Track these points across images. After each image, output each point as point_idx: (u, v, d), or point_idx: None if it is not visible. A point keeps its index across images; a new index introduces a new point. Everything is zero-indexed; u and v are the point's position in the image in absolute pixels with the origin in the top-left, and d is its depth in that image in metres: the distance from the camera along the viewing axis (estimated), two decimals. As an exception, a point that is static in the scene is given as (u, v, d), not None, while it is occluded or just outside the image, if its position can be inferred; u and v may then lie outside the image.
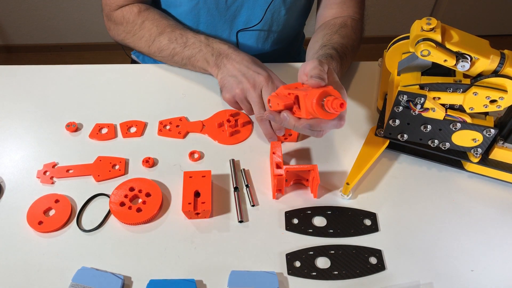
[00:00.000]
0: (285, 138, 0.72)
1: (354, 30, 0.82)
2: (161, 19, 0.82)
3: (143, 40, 0.83)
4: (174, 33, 0.80)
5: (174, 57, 0.80)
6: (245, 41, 0.92)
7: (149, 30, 0.82)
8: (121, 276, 0.56)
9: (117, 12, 0.85)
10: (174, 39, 0.79)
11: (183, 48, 0.79)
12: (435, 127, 0.63)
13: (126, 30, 0.85)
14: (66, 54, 2.21)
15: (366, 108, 0.79)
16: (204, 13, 0.86)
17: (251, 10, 0.86)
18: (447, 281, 0.57)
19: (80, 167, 0.69)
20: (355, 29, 0.82)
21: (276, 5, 0.86)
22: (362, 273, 0.57)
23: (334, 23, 0.82)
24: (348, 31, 0.80)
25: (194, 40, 0.78)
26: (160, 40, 0.81)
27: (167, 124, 0.75)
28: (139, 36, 0.83)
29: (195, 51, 0.78)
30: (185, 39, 0.79)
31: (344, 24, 0.81)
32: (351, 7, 0.85)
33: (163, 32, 0.80)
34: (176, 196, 0.65)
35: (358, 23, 0.84)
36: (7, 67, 0.86)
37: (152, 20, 0.82)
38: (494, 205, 0.65)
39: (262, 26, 0.90)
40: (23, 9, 2.04)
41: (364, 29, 0.87)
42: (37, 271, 0.57)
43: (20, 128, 0.75)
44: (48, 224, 0.61)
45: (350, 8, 0.85)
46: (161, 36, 0.80)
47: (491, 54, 0.57)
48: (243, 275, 0.56)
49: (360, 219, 0.63)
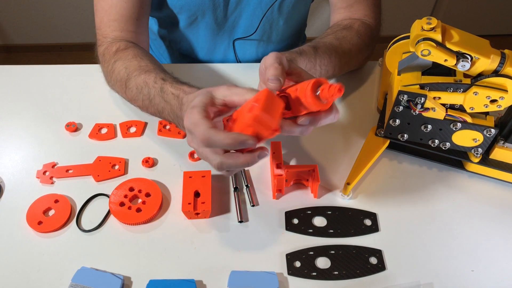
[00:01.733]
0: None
1: (359, 34, 0.76)
2: (132, 59, 0.70)
3: (117, 86, 0.72)
4: (139, 79, 0.67)
5: (149, 111, 0.68)
6: (244, 50, 0.92)
7: (119, 73, 0.70)
8: (121, 276, 0.56)
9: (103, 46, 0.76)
10: (140, 89, 0.67)
11: (150, 102, 0.66)
12: (436, 127, 0.63)
13: (104, 70, 0.76)
14: (66, 54, 2.21)
15: (366, 108, 0.78)
16: (203, 27, 0.86)
17: (249, 20, 0.85)
18: (447, 281, 0.57)
19: (80, 167, 0.68)
20: (361, 34, 0.76)
21: (274, 15, 0.86)
22: (362, 273, 0.57)
23: (339, 25, 0.78)
24: (349, 34, 0.75)
25: (155, 94, 0.64)
26: (130, 88, 0.69)
27: (167, 124, 0.75)
28: (113, 80, 0.73)
29: (160, 108, 0.64)
30: (147, 90, 0.66)
31: (348, 27, 0.76)
32: (360, 10, 0.80)
33: (129, 77, 0.69)
34: (176, 196, 0.65)
35: (368, 28, 0.78)
36: (6, 67, 0.86)
37: (123, 59, 0.71)
38: (494, 205, 0.65)
39: (261, 36, 0.89)
40: (23, 9, 2.03)
41: (378, 34, 0.82)
42: (37, 271, 0.57)
43: (20, 128, 0.75)
44: (48, 224, 0.61)
45: (360, 11, 0.80)
46: (129, 82, 0.69)
47: (492, 54, 0.57)
48: (243, 275, 0.56)
49: (360, 219, 0.63)
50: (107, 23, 0.75)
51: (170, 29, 0.90)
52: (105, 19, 0.75)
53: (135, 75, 0.68)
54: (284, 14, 0.86)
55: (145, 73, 0.67)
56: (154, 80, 0.65)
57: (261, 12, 0.84)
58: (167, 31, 0.91)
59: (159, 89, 0.63)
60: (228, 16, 0.84)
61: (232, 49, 0.91)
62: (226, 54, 0.93)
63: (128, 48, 0.72)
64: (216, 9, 0.82)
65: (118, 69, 0.70)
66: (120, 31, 0.74)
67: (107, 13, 0.74)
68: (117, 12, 0.74)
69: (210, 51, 0.92)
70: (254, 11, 0.83)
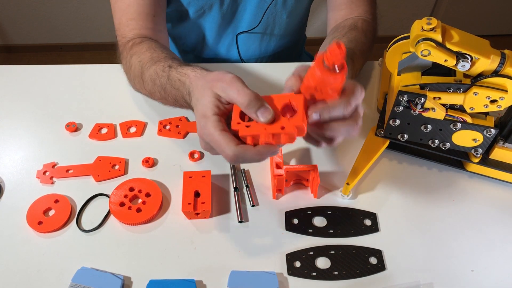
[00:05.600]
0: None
1: (365, 32, 0.77)
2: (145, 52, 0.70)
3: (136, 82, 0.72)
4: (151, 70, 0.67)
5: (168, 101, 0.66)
6: (247, 44, 0.93)
7: (135, 68, 0.70)
8: (121, 276, 0.56)
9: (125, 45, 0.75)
10: (153, 81, 0.66)
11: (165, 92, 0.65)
12: (436, 127, 0.63)
13: (124, 69, 0.75)
14: (66, 54, 2.21)
15: (366, 108, 0.78)
16: (209, 21, 0.86)
17: (253, 13, 0.86)
18: (447, 281, 0.57)
19: (80, 167, 0.69)
20: (366, 32, 0.77)
21: (277, 8, 0.86)
22: (362, 273, 0.57)
23: (344, 25, 0.78)
24: (358, 34, 0.75)
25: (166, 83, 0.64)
26: (146, 81, 0.68)
27: (167, 124, 0.75)
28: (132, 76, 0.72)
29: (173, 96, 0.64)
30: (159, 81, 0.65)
31: (354, 26, 0.77)
32: (361, 6, 0.81)
33: (143, 71, 0.68)
34: (176, 196, 0.65)
35: (370, 25, 0.80)
36: (7, 67, 0.86)
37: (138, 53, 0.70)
38: (494, 205, 0.65)
39: (264, 29, 0.90)
40: (23, 9, 2.03)
41: (377, 30, 0.83)
42: (37, 271, 0.57)
43: (20, 128, 0.75)
44: (48, 224, 0.61)
45: (360, 8, 0.81)
46: (144, 76, 0.68)
47: (492, 54, 0.57)
48: (243, 275, 0.56)
49: (360, 219, 0.63)
50: (125, 23, 0.75)
51: (176, 24, 0.90)
52: (123, 19, 0.75)
53: (147, 67, 0.67)
54: (287, 7, 0.87)
55: (155, 64, 0.66)
56: (162, 69, 0.64)
57: (265, 5, 0.84)
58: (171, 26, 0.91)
59: (166, 78, 0.63)
60: (234, 9, 0.84)
61: (235, 44, 0.91)
62: (230, 49, 0.93)
63: (142, 42, 0.72)
64: (223, 2, 0.83)
65: (134, 64, 0.70)
66: (138, 29, 0.74)
67: (125, 12, 0.74)
68: (134, 10, 0.74)
69: (214, 46, 0.93)
70: (259, 3, 0.84)
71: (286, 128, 0.47)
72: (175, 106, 0.66)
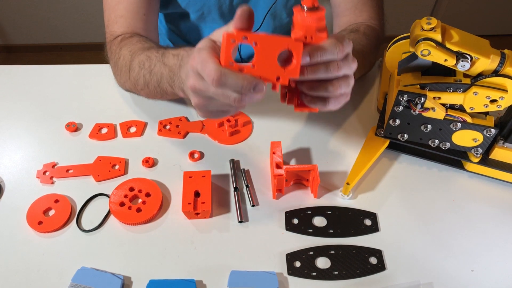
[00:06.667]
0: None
1: (367, 36, 0.76)
2: (136, 43, 0.70)
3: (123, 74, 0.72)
4: (142, 55, 0.67)
5: (149, 87, 0.67)
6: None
7: (124, 58, 0.70)
8: (121, 276, 0.56)
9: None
10: (142, 65, 0.66)
11: (150, 74, 0.65)
12: (435, 127, 0.63)
13: (111, 64, 0.75)
14: (66, 54, 2.21)
15: (366, 108, 0.79)
16: (209, 21, 0.86)
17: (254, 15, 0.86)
18: (447, 281, 0.57)
19: (80, 167, 0.69)
20: (368, 35, 0.76)
21: (278, 10, 0.86)
22: (362, 273, 0.57)
23: (345, 29, 0.78)
24: (358, 36, 0.75)
25: (156, 61, 0.64)
26: (133, 68, 0.68)
27: (167, 124, 0.75)
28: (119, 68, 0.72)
29: (158, 76, 0.64)
30: (149, 63, 0.65)
31: (355, 30, 0.76)
32: (365, 11, 0.79)
33: (133, 58, 0.68)
34: (176, 196, 0.65)
35: (373, 30, 0.78)
36: (6, 67, 0.86)
37: (128, 45, 0.71)
38: (494, 205, 0.65)
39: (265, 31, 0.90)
40: (23, 9, 2.04)
41: (382, 36, 0.81)
42: (37, 271, 0.57)
43: (20, 128, 0.75)
44: (48, 224, 0.61)
45: (365, 13, 0.79)
46: (133, 63, 0.68)
47: (491, 54, 0.57)
48: (243, 275, 0.56)
49: (360, 219, 0.63)
50: (114, 20, 0.74)
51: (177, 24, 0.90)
52: (112, 16, 0.74)
53: (138, 54, 0.68)
54: (289, 9, 0.86)
55: (148, 50, 0.67)
56: (156, 51, 0.65)
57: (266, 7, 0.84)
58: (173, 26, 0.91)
59: (160, 55, 0.63)
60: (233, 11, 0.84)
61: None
62: None
63: (132, 36, 0.72)
64: (221, 5, 0.83)
65: (124, 54, 0.70)
66: (127, 26, 0.74)
67: (114, 9, 0.74)
68: (124, 7, 0.73)
69: None
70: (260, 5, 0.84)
71: (281, 79, 0.48)
72: (155, 93, 0.67)
